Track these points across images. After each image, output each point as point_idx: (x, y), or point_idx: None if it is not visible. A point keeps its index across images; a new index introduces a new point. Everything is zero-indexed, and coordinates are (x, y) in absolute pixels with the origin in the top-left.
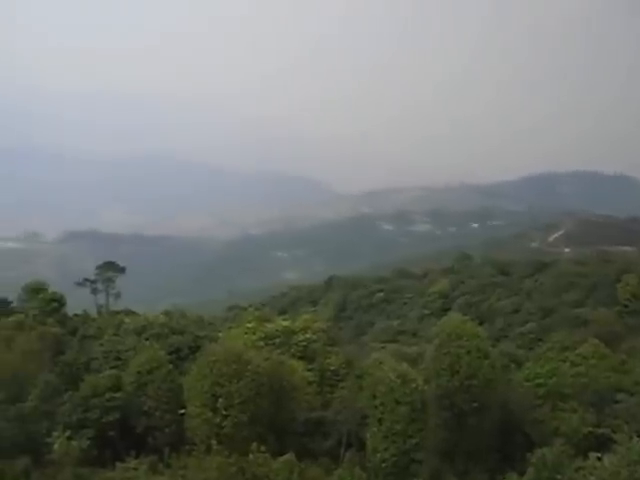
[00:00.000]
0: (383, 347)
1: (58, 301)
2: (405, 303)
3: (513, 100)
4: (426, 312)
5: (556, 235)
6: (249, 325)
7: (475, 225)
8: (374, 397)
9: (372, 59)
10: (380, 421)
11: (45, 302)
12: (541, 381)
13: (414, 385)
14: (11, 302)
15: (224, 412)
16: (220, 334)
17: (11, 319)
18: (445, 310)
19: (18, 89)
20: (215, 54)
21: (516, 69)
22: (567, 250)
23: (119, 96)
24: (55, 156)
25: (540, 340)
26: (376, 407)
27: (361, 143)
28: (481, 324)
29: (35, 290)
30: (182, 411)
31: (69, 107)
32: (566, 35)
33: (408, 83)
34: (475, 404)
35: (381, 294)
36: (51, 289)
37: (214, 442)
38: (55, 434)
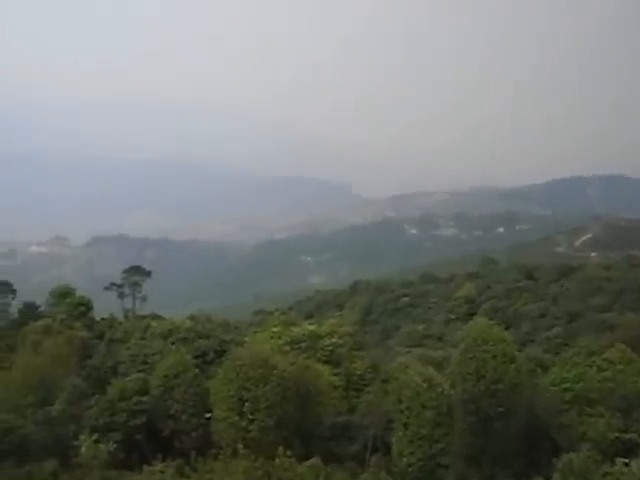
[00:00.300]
0: (409, 351)
1: (85, 305)
2: (431, 307)
3: (537, 102)
4: (452, 316)
5: (582, 239)
6: (275, 329)
7: (501, 229)
8: (400, 401)
9: (395, 62)
10: (406, 425)
11: (72, 306)
12: (567, 386)
13: (440, 389)
14: (39, 306)
15: (250, 416)
16: (246, 338)
17: (39, 323)
18: (471, 314)
19: (40, 99)
20: (235, 59)
21: (536, 70)
22: (593, 254)
23: (144, 103)
24: (82, 163)
25: (566, 345)
26: (402, 411)
27: (387, 147)
28: (507, 329)
29: (63, 294)
30: (208, 415)
31: (94, 115)
32: (584, 34)
33: (431, 86)
34: (501, 409)
35: (407, 298)
36: (78, 293)
37: (240, 446)
38: (82, 437)
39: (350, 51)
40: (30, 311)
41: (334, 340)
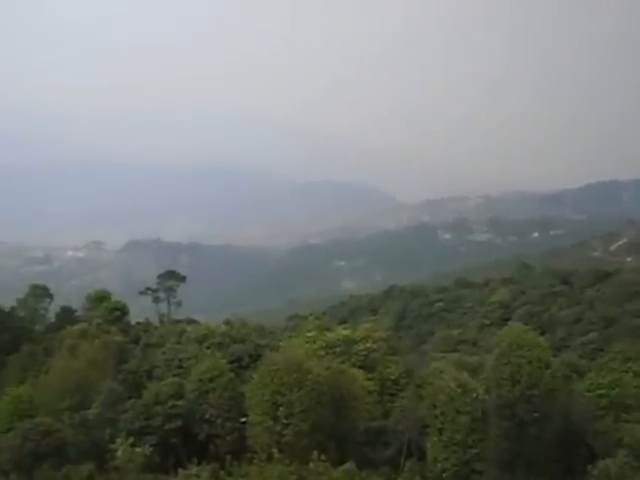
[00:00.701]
0: (443, 357)
1: (121, 310)
2: (465, 312)
3: (572, 105)
4: (486, 322)
5: (618, 244)
6: (310, 334)
7: (535, 234)
8: (434, 406)
9: (425, 65)
10: (440, 431)
11: (108, 311)
12: (603, 392)
13: (475, 395)
14: (75, 311)
15: (285, 421)
16: (281, 343)
17: (76, 327)
18: (505, 320)
19: (78, 108)
20: (267, 67)
21: (570, 72)
22: (629, 259)
23: (181, 110)
24: (118, 168)
25: (602, 350)
26: (436, 417)
27: (419, 150)
28: (542, 334)
29: (99, 299)
30: (243, 419)
31: (133, 120)
32: (618, 35)
33: (463, 88)
34: (536, 414)
35: (441, 303)
36: (114, 298)
37: (275, 450)
38: (118, 441)
39: (380, 55)
40: (67, 315)
41: (368, 345)
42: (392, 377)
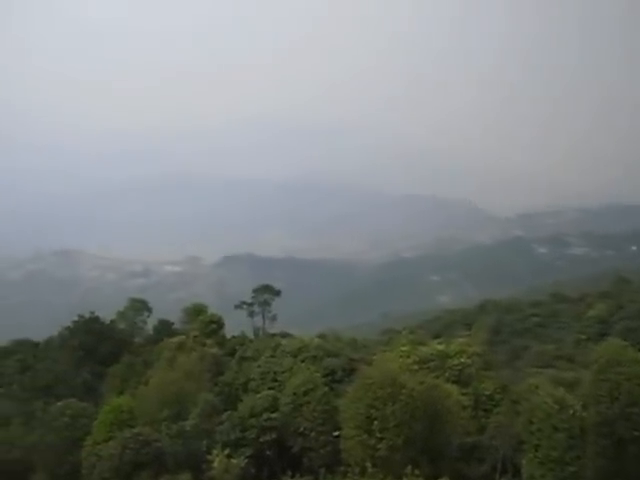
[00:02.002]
0: (538, 372)
1: (217, 323)
2: (561, 327)
3: None
4: (583, 337)
5: None
6: (404, 348)
7: (634, 247)
8: (530, 423)
9: (511, 71)
10: (537, 447)
11: (205, 324)
12: None
13: (572, 411)
14: (173, 323)
15: (379, 435)
16: (375, 357)
17: (173, 340)
18: (603, 335)
19: (179, 122)
20: (358, 77)
21: None
22: None
23: (272, 122)
24: (214, 182)
25: None
26: (533, 433)
27: (507, 163)
28: None
29: (195, 312)
30: (337, 433)
31: (225, 134)
32: None
33: (554, 99)
34: (636, 432)
35: (536, 318)
36: (210, 311)
37: (369, 464)
38: (215, 452)
39: (461, 63)
40: (165, 328)
41: (463, 360)
42: (487, 392)
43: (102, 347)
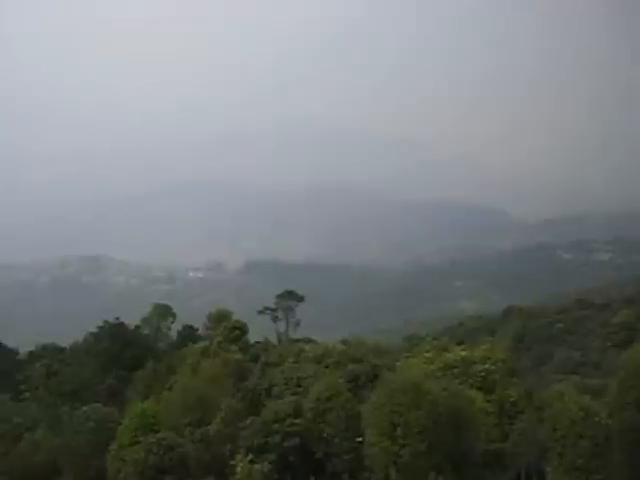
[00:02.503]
0: (563, 379)
1: (240, 329)
2: (586, 334)
3: None
4: (608, 344)
5: None
6: (427, 354)
7: None
8: (555, 430)
9: (536, 77)
10: (561, 455)
11: (228, 330)
12: None
13: (597, 419)
14: (197, 329)
15: (402, 441)
16: (398, 363)
17: (197, 346)
18: (629, 342)
19: (202, 128)
20: (380, 83)
21: None
22: None
23: (297, 128)
24: (237, 189)
25: None
26: (557, 440)
27: (540, 171)
28: None
29: (219, 318)
30: (360, 438)
31: (249, 141)
32: None
33: (581, 103)
34: None
35: (561, 324)
36: (234, 317)
37: (392, 471)
38: (238, 457)
39: (479, 68)
40: (189, 334)
41: (487, 366)
42: (511, 399)
43: (127, 352)
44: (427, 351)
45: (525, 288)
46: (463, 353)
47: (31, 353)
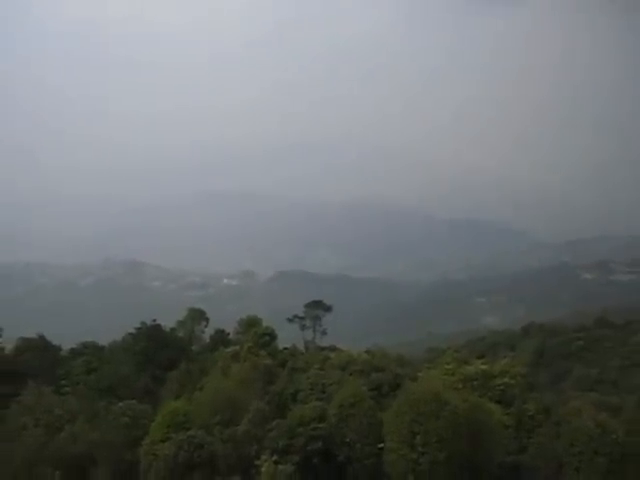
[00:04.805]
0: (581, 395)
1: (270, 335)
2: (605, 352)
3: None
4: (627, 363)
5: None
6: (448, 366)
7: None
8: (572, 445)
9: (560, 97)
10: (577, 470)
11: (258, 336)
12: None
13: (614, 436)
14: (228, 334)
15: (421, 449)
16: (420, 374)
17: (228, 350)
18: None
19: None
20: (413, 99)
21: None
22: None
23: (330, 145)
24: (271, 202)
25: None
26: (574, 455)
27: (565, 193)
28: None
29: (250, 324)
30: (380, 445)
31: (279, 155)
32: None
33: (607, 125)
34: None
35: (580, 342)
36: (264, 324)
37: (410, 478)
38: (263, 457)
39: (506, 86)
40: (221, 338)
41: (506, 380)
42: (529, 413)
43: (162, 353)
44: (448, 363)
45: (546, 306)
46: (483, 366)
47: (72, 350)
